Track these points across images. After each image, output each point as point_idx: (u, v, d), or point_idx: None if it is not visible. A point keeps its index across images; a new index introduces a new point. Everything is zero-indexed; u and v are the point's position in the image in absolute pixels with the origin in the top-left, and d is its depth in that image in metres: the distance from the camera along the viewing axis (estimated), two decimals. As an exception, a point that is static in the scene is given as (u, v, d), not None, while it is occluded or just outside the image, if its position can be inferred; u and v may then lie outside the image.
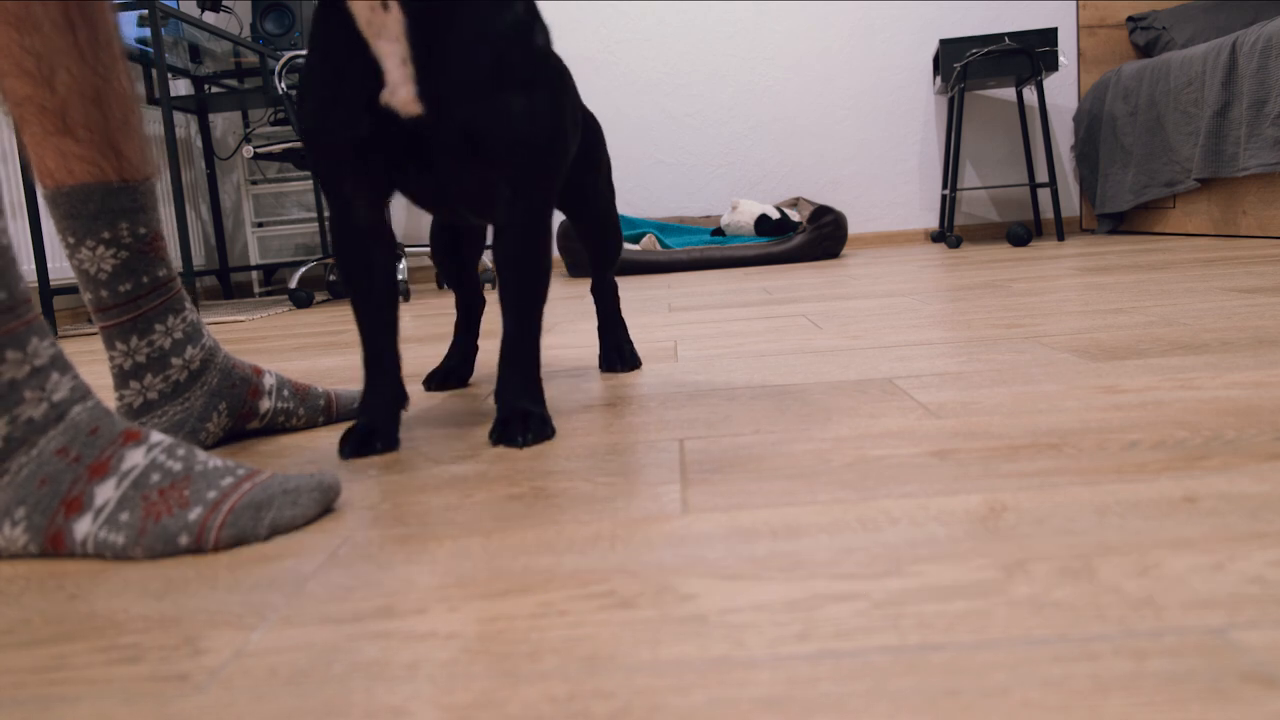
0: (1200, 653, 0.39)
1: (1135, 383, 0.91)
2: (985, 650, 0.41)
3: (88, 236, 0.83)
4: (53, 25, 0.77)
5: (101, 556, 0.62)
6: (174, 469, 0.65)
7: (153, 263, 0.86)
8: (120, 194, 0.82)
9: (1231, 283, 1.66)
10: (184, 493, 0.63)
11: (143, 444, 0.66)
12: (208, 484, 0.64)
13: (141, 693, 0.43)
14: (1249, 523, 0.53)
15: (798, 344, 1.32)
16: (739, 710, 0.37)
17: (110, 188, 0.82)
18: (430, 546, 0.59)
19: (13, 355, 0.63)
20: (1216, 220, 3.03)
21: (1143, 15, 3.75)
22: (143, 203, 0.84)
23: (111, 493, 0.63)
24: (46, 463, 0.63)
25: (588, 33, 4.00)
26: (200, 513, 0.62)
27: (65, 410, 0.65)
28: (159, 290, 0.87)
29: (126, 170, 0.83)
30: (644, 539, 0.58)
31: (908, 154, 4.00)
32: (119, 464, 0.64)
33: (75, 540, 0.62)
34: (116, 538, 0.62)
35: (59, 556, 0.63)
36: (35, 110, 0.79)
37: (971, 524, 0.56)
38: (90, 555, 0.63)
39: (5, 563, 0.63)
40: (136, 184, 0.84)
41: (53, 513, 0.62)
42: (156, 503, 0.63)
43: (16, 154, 2.58)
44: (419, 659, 0.44)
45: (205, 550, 0.62)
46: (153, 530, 0.62)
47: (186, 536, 0.62)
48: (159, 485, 0.63)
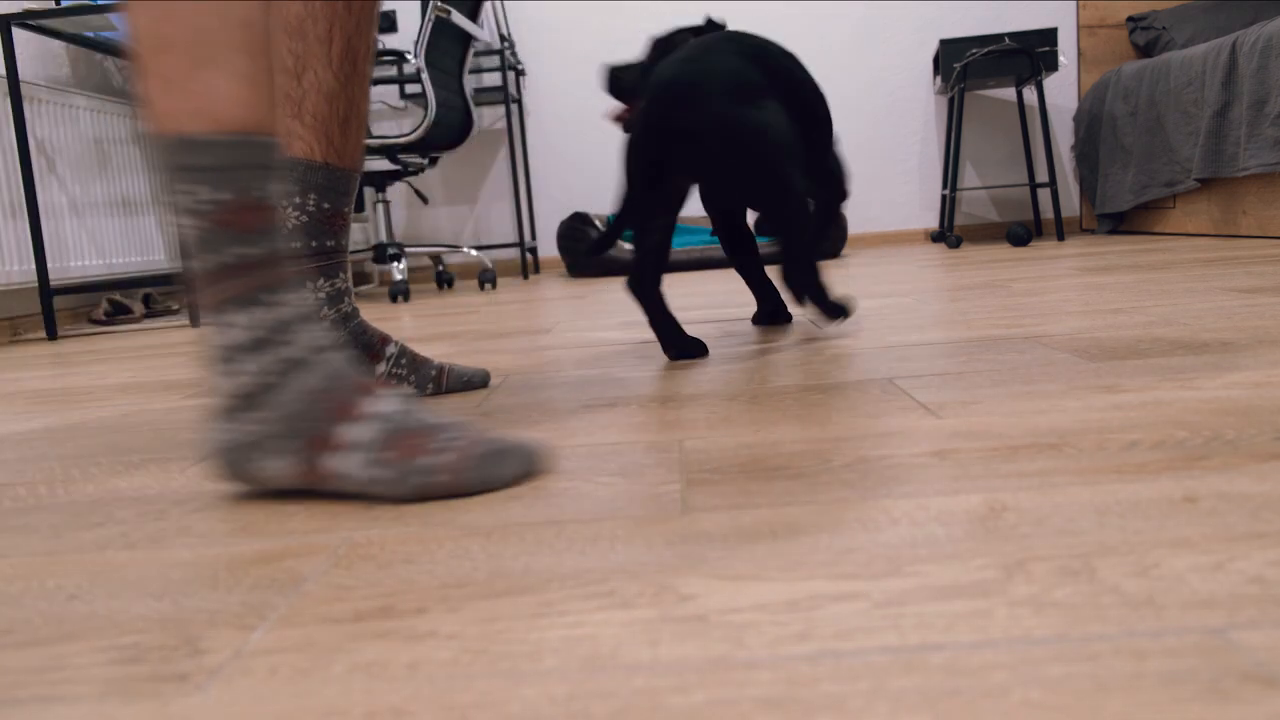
0: (1200, 653, 0.39)
1: (1135, 383, 0.91)
2: (985, 650, 0.41)
3: (286, 198, 0.99)
4: (316, 38, 0.97)
5: (363, 493, 0.70)
6: (420, 417, 0.72)
7: (325, 232, 1.03)
8: (319, 171, 1.01)
9: (1231, 283, 1.66)
10: (436, 437, 0.70)
11: (386, 394, 0.74)
12: (452, 432, 0.72)
13: (141, 693, 0.43)
14: (1249, 523, 0.53)
15: (797, 344, 1.32)
16: (739, 710, 0.37)
17: (313, 165, 1.00)
18: (430, 546, 0.59)
19: (283, 298, 0.72)
20: (1216, 220, 3.03)
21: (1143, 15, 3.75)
22: (335, 185, 1.02)
23: (368, 433, 0.70)
24: (302, 401, 0.71)
25: (588, 32, 4.00)
26: (452, 458, 0.69)
27: (320, 354, 0.73)
28: (322, 255, 1.03)
29: (330, 156, 1.01)
30: (644, 539, 0.58)
31: (908, 154, 4.00)
32: (371, 407, 0.71)
33: (337, 474, 0.70)
34: (383, 473, 0.69)
35: (315, 488, 0.71)
36: (281, 96, 0.98)
37: (971, 524, 0.56)
38: (344, 491, 0.70)
39: (5, 562, 0.63)
40: (335, 168, 1.02)
41: (312, 448, 0.70)
42: (413, 445, 0.70)
43: (16, 153, 2.58)
44: (419, 659, 0.44)
45: (459, 494, 0.69)
46: (408, 468, 0.69)
47: (441, 475, 0.69)
48: (412, 429, 0.71)
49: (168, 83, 0.69)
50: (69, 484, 0.83)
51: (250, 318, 0.70)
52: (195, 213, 0.70)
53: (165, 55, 0.69)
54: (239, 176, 0.70)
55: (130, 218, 3.12)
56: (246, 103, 0.70)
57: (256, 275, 0.71)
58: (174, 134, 0.69)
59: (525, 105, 4.07)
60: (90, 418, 1.18)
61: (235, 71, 0.70)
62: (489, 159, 4.13)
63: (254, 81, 0.71)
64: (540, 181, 4.12)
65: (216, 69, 0.69)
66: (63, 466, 0.91)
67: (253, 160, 0.71)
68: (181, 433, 1.03)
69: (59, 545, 0.66)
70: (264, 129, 0.72)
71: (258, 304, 0.71)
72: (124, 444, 0.99)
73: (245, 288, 0.70)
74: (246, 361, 0.70)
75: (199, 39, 0.68)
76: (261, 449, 0.71)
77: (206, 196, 0.69)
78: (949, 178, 3.66)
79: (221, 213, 0.70)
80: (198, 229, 0.70)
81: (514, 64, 3.83)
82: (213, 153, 0.69)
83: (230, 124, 0.70)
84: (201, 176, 0.69)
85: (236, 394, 0.71)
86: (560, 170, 4.11)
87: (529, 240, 4.00)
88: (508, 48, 3.73)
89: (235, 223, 0.70)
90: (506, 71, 3.57)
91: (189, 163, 0.69)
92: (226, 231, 0.70)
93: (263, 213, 0.71)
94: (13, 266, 2.56)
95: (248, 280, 0.70)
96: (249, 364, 0.70)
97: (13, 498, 0.80)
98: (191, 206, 0.70)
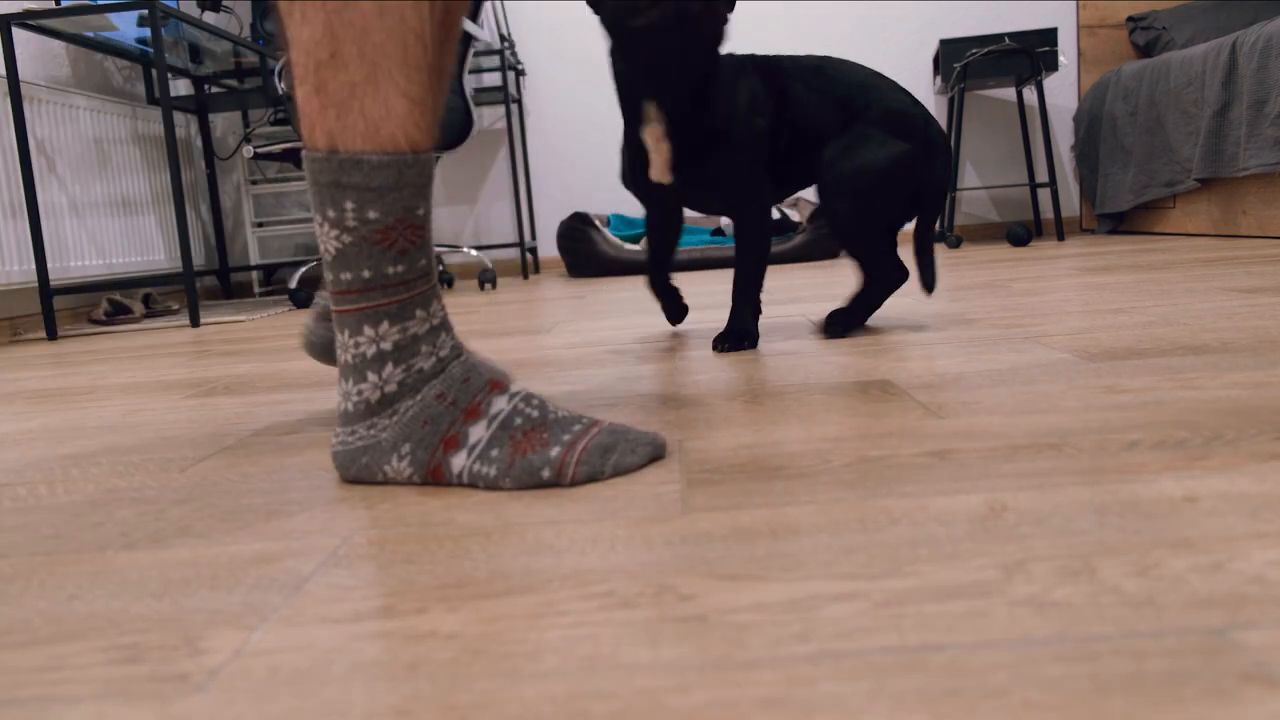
0: (1200, 653, 0.39)
1: (1135, 383, 0.91)
2: (985, 650, 0.41)
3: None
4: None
5: (475, 486, 0.72)
6: (533, 415, 0.74)
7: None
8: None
9: (1231, 283, 1.66)
10: (544, 435, 0.72)
11: (505, 393, 0.75)
12: (562, 429, 0.73)
13: (141, 693, 0.43)
14: (1249, 523, 0.53)
15: (798, 344, 1.32)
16: (739, 710, 0.37)
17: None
18: (430, 546, 0.59)
19: (420, 313, 0.74)
20: (1216, 220, 3.03)
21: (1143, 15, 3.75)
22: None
23: (483, 432, 0.72)
24: (428, 406, 0.73)
25: (588, 32, 4.00)
26: (559, 452, 0.71)
27: (447, 363, 0.75)
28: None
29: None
30: (644, 539, 0.58)
31: (908, 154, 3.99)
32: (488, 408, 0.74)
33: (452, 472, 0.72)
34: (489, 470, 0.71)
35: (438, 485, 0.73)
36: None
37: (971, 524, 0.56)
38: (464, 485, 0.72)
39: (5, 562, 0.63)
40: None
41: (434, 449, 0.72)
42: (521, 442, 0.72)
43: (16, 153, 2.58)
44: (419, 659, 0.44)
45: (563, 484, 0.70)
46: (520, 464, 0.70)
47: (548, 471, 0.70)
48: (522, 427, 0.73)
49: (332, 98, 0.67)
50: (69, 484, 0.83)
51: (388, 330, 0.72)
52: (347, 228, 0.70)
53: (331, 71, 0.67)
54: (397, 197, 0.70)
55: (130, 218, 3.12)
56: (411, 123, 0.69)
57: (398, 291, 0.72)
58: (332, 150, 0.68)
59: (525, 105, 4.07)
60: (90, 418, 1.18)
61: (401, 90, 0.68)
62: (489, 159, 4.13)
63: (419, 99, 0.69)
64: (540, 181, 4.12)
65: (384, 87, 0.67)
66: (63, 466, 0.91)
67: (410, 180, 0.71)
68: (181, 433, 1.03)
69: (59, 545, 0.66)
70: (424, 147, 0.71)
71: (397, 319, 0.72)
72: (124, 444, 0.99)
73: (386, 303, 0.72)
74: (380, 371, 0.72)
75: (368, 54, 0.66)
76: (387, 452, 0.73)
77: (362, 215, 0.69)
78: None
79: (374, 231, 0.70)
80: (346, 244, 0.70)
81: (514, 64, 3.83)
82: (374, 174, 0.69)
83: (393, 145, 0.69)
84: (359, 195, 0.69)
85: (365, 400, 0.73)
86: (560, 170, 4.11)
87: (529, 240, 4.00)
88: (508, 48, 3.73)
89: (386, 241, 0.71)
90: (506, 71, 3.57)
91: (348, 181, 0.69)
92: (376, 249, 0.70)
93: (414, 231, 0.72)
94: (13, 266, 2.56)
95: (390, 296, 0.72)
96: (382, 374, 0.72)
97: (13, 498, 0.80)
98: (344, 222, 0.70)
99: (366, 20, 0.66)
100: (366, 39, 0.66)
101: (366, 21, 0.66)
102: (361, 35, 0.66)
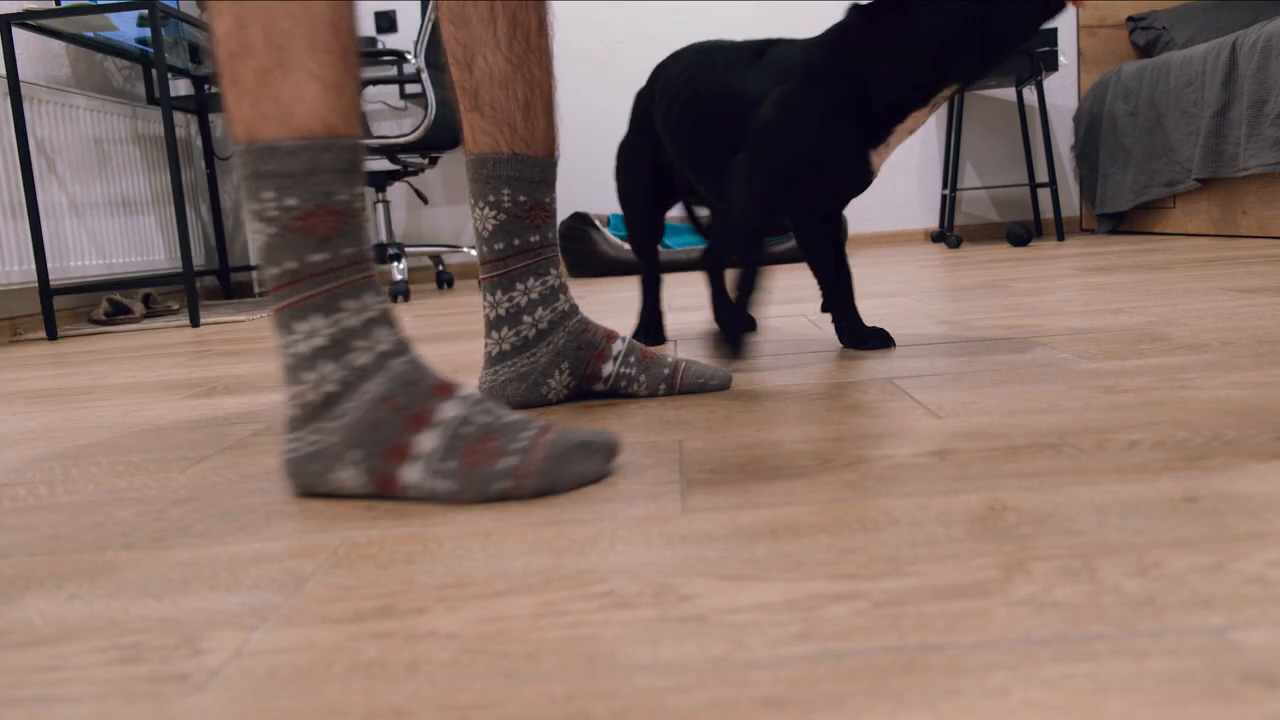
0: (1200, 653, 0.39)
1: (1135, 383, 0.90)
2: (985, 650, 0.41)
3: (480, 198, 0.96)
4: (479, 20, 0.92)
5: (430, 500, 0.69)
6: (485, 421, 0.71)
7: (526, 228, 0.97)
8: (507, 164, 0.95)
9: (1231, 283, 1.66)
10: (496, 443, 0.69)
11: (453, 397, 0.72)
12: (513, 436, 0.70)
13: (141, 693, 0.43)
14: (1249, 523, 0.53)
15: (797, 344, 1.32)
16: (739, 710, 0.37)
17: (501, 158, 0.95)
18: (430, 546, 0.59)
19: (350, 305, 0.71)
20: (1216, 220, 3.03)
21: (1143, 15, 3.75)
22: (527, 174, 0.96)
23: (434, 442, 0.69)
24: (373, 410, 0.70)
25: (588, 32, 4.00)
26: (515, 462, 0.68)
27: (388, 361, 0.72)
28: (527, 254, 0.98)
29: (518, 144, 0.95)
30: (644, 539, 0.58)
31: (907, 154, 4.00)
32: (436, 415, 0.70)
33: (405, 484, 0.69)
34: (445, 483, 0.68)
35: (390, 498, 0.70)
36: (460, 90, 0.95)
37: (971, 524, 0.56)
38: (417, 498, 0.69)
39: (5, 562, 0.63)
40: (524, 157, 0.96)
41: (383, 458, 0.69)
42: (474, 451, 0.69)
43: (16, 153, 2.58)
44: (419, 659, 0.44)
45: (521, 496, 0.67)
46: (473, 476, 0.68)
47: (504, 482, 0.67)
48: (473, 435, 0.69)
49: (243, 88, 0.68)
50: (69, 484, 0.83)
51: (319, 325, 0.70)
52: (267, 218, 0.69)
53: (241, 61, 0.68)
54: (314, 182, 0.69)
55: (130, 218, 3.12)
56: (324, 105, 0.69)
57: (324, 281, 0.70)
58: (248, 141, 0.69)
59: (525, 105, 4.07)
60: (90, 418, 1.18)
61: (311, 74, 0.68)
62: (489, 159, 4.13)
63: (332, 83, 0.69)
64: (540, 181, 4.12)
65: (292, 73, 0.68)
66: (63, 466, 0.91)
67: (328, 165, 0.70)
68: (181, 433, 1.03)
69: (59, 545, 0.66)
70: (342, 132, 0.70)
71: (326, 311, 0.70)
72: (124, 444, 0.99)
73: (314, 295, 0.70)
74: (316, 370, 0.70)
75: (275, 40, 0.67)
76: (334, 458, 0.70)
77: (281, 203, 0.69)
78: (949, 178, 3.66)
79: (294, 219, 0.69)
80: (269, 235, 0.70)
81: (514, 64, 3.83)
82: (288, 159, 0.68)
83: (307, 130, 0.69)
84: (277, 183, 0.69)
85: (307, 403, 0.71)
86: (560, 170, 4.11)
87: (529, 240, 3.99)
88: (508, 48, 3.73)
89: (306, 228, 0.69)
90: (506, 71, 3.57)
91: (262, 169, 0.69)
92: (296, 236, 0.69)
93: (337, 218, 0.71)
94: (13, 266, 2.56)
95: (316, 286, 0.70)
96: (318, 372, 0.70)
97: (13, 498, 0.80)
98: (264, 212, 0.69)
99: (272, 6, 0.67)
100: (273, 24, 0.67)
101: (272, 8, 0.67)
102: (268, 21, 0.67)
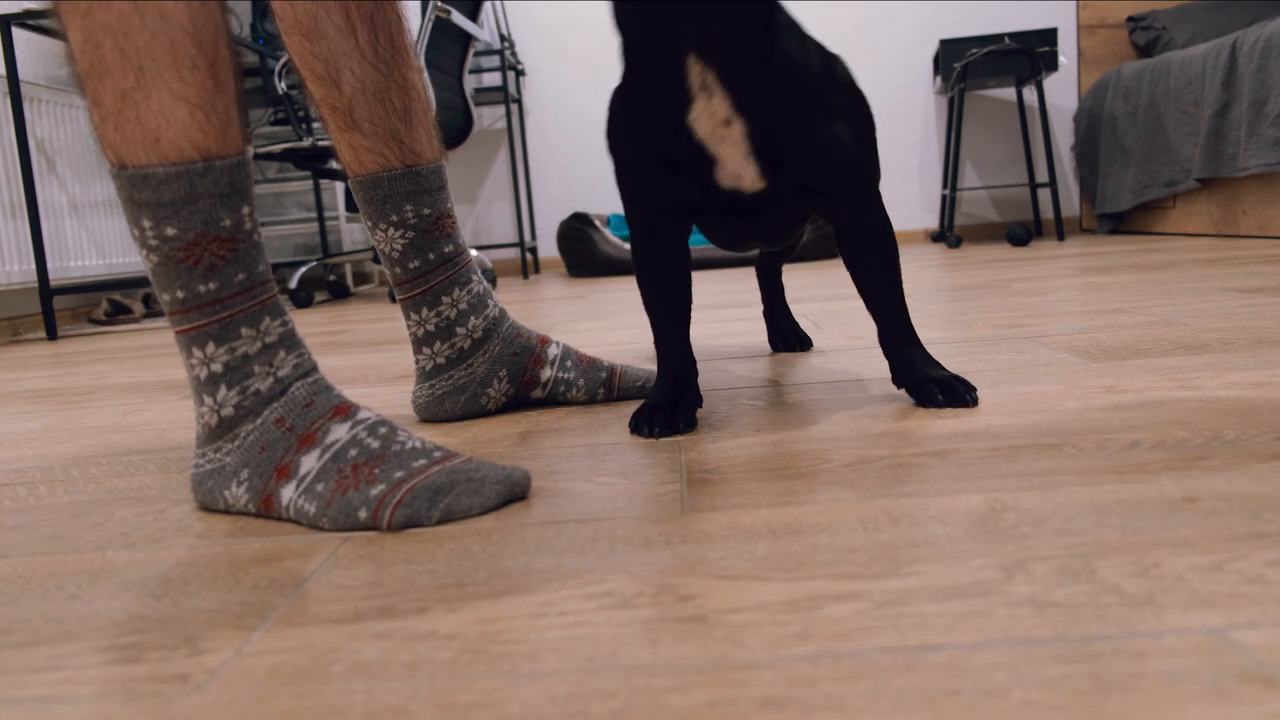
0: (1200, 653, 0.39)
1: (1135, 383, 0.90)
2: (985, 650, 0.41)
3: (380, 220, 0.92)
4: (336, 30, 0.85)
5: (298, 523, 0.66)
6: (372, 446, 0.67)
7: (438, 240, 0.93)
8: (403, 179, 0.90)
9: (1231, 283, 1.66)
10: (375, 470, 0.66)
11: (348, 420, 0.69)
12: (398, 464, 0.66)
13: (141, 693, 0.43)
14: (1249, 523, 0.53)
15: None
16: (739, 710, 0.37)
17: (394, 175, 0.90)
18: (430, 546, 0.59)
19: (247, 332, 0.68)
20: (1216, 220, 3.03)
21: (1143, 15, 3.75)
22: (425, 185, 0.92)
23: (314, 463, 0.66)
24: (267, 431, 0.68)
25: (588, 32, 4.00)
26: (381, 490, 0.64)
27: (288, 384, 0.69)
28: (445, 266, 0.94)
29: (408, 156, 0.90)
30: (644, 539, 0.58)
31: (908, 154, 4.00)
32: (324, 436, 0.68)
33: (281, 504, 0.67)
34: (310, 506, 0.65)
35: (270, 518, 0.68)
36: (329, 110, 0.87)
37: (971, 524, 0.56)
38: (290, 519, 0.67)
39: (5, 562, 0.63)
40: (419, 168, 0.91)
41: (267, 477, 0.67)
42: (349, 477, 0.66)
43: (16, 153, 2.58)
44: (419, 659, 0.44)
45: (380, 528, 0.63)
46: (338, 503, 0.65)
47: (365, 512, 0.64)
48: (355, 460, 0.66)
49: (106, 110, 0.62)
50: (69, 484, 0.83)
51: (215, 352, 0.67)
52: (149, 246, 0.66)
53: (98, 81, 0.62)
54: (193, 210, 0.65)
55: (130, 218, 3.12)
56: (194, 127, 0.63)
57: (215, 311, 0.67)
58: (119, 165, 0.64)
59: (525, 105, 4.07)
60: (90, 418, 1.18)
61: (176, 94, 0.62)
62: (489, 159, 4.13)
63: (200, 102, 0.63)
64: (540, 181, 4.12)
65: (154, 93, 0.62)
66: (63, 466, 0.91)
67: (206, 190, 0.65)
68: (181, 433, 1.03)
69: (59, 545, 0.66)
70: (217, 152, 0.65)
71: (220, 340, 0.67)
72: (124, 444, 0.99)
73: (205, 323, 0.67)
74: (215, 395, 0.68)
75: (131, 58, 0.61)
76: (229, 476, 0.69)
77: (160, 233, 0.65)
78: (949, 178, 3.66)
79: (176, 249, 0.65)
80: (153, 263, 0.66)
81: (514, 64, 3.83)
82: (162, 188, 0.64)
83: (178, 155, 0.63)
84: (154, 213, 0.64)
85: (207, 424, 0.69)
86: (560, 170, 4.11)
87: (529, 240, 4.00)
88: (508, 48, 3.73)
89: (191, 258, 0.65)
90: (506, 71, 3.57)
91: (140, 198, 0.64)
92: (182, 267, 0.66)
93: (222, 244, 0.66)
94: (13, 266, 2.56)
95: (207, 316, 0.67)
96: (216, 398, 0.68)
97: (13, 498, 0.80)
98: (145, 240, 0.66)
99: (124, 21, 0.61)
100: (127, 40, 0.61)
101: (124, 22, 0.61)
102: (121, 37, 0.61)
